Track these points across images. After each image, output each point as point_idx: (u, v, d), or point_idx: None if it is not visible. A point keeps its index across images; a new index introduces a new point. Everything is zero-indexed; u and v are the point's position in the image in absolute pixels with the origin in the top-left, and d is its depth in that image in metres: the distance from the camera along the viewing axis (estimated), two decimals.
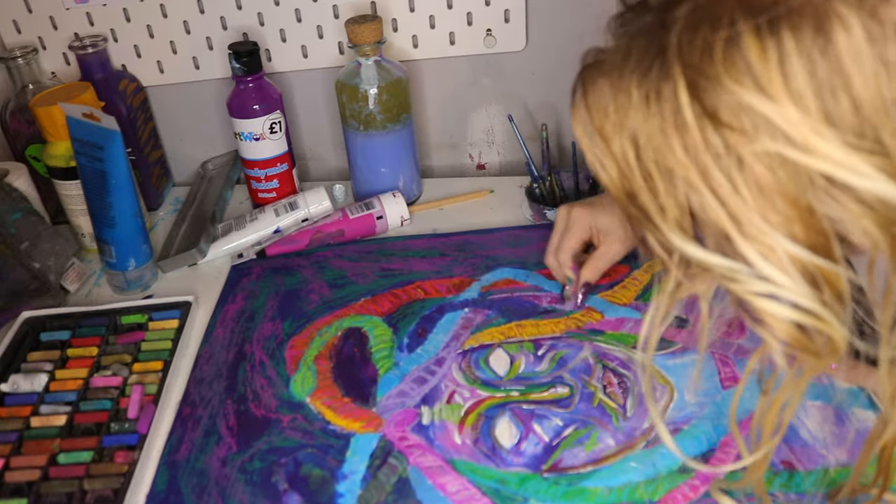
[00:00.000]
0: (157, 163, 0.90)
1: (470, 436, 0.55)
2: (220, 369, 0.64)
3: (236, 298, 0.72)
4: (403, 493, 0.52)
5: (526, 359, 0.62)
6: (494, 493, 0.51)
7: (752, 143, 0.31)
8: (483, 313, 0.67)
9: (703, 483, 0.50)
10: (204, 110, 0.90)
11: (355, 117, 0.78)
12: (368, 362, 0.63)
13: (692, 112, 0.32)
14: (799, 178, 0.31)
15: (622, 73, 0.34)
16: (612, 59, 0.36)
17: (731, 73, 0.30)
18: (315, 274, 0.74)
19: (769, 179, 0.31)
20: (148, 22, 0.84)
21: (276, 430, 0.57)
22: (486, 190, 0.84)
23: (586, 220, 0.66)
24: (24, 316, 0.68)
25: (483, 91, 0.87)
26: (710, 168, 0.32)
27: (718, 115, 0.31)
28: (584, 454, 0.53)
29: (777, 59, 0.30)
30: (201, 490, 0.53)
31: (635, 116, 0.34)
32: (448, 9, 0.82)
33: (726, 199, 0.32)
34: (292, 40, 0.85)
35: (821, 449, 0.51)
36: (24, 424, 0.58)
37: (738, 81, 0.30)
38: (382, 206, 0.79)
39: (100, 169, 0.67)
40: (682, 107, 0.32)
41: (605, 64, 0.36)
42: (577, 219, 0.66)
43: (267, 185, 0.83)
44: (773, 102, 0.30)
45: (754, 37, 0.30)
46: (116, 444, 0.56)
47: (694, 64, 0.31)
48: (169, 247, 0.79)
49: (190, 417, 0.59)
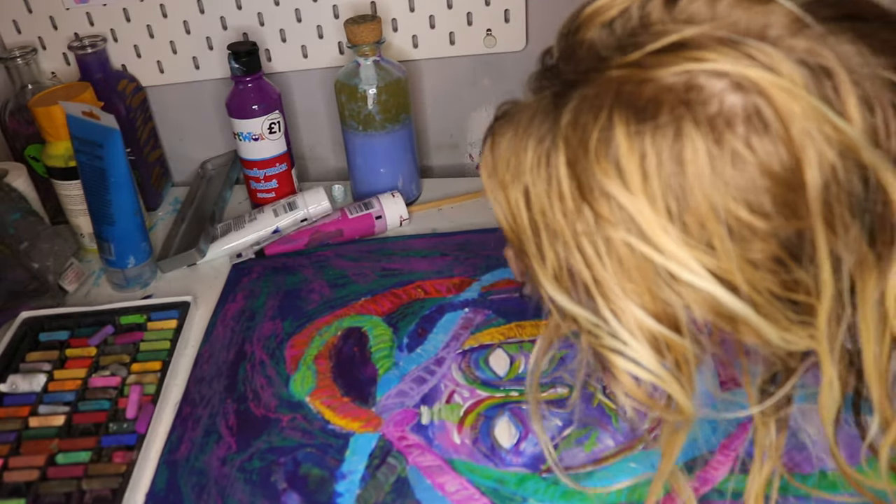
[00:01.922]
0: (156, 163, 0.90)
1: (469, 436, 0.55)
2: (220, 368, 0.64)
3: (237, 297, 0.72)
4: (402, 492, 0.52)
5: (526, 359, 0.62)
6: (493, 493, 0.51)
7: (612, 227, 0.35)
8: (483, 313, 0.67)
9: (703, 485, 0.50)
10: (203, 110, 0.90)
11: (354, 117, 0.78)
12: (368, 362, 0.63)
13: (569, 186, 0.36)
14: (648, 262, 0.35)
15: (526, 132, 0.38)
16: (520, 116, 0.40)
17: (601, 163, 0.35)
18: (315, 273, 0.74)
19: (629, 257, 0.35)
20: (148, 22, 0.84)
21: (276, 429, 0.57)
22: None
23: None
24: (23, 316, 0.68)
25: (483, 91, 0.87)
26: (580, 236, 0.36)
27: (590, 196, 0.35)
28: (584, 454, 0.53)
29: (639, 158, 0.34)
30: (201, 489, 0.53)
31: (528, 174, 0.38)
32: (448, 9, 0.82)
33: (592, 264, 0.36)
34: (292, 40, 0.85)
35: (820, 453, 0.51)
36: (23, 424, 0.58)
37: (606, 172, 0.35)
38: (381, 206, 0.79)
39: (99, 167, 0.67)
40: (562, 179, 0.36)
41: (514, 119, 0.40)
42: None
43: (266, 186, 0.83)
44: (631, 195, 0.34)
45: (625, 136, 0.34)
46: (115, 445, 0.56)
47: (574, 145, 0.36)
48: (168, 247, 0.79)
49: (190, 416, 0.59)
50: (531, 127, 0.38)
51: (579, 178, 0.36)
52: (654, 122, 0.34)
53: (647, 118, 0.34)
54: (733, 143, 0.33)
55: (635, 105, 0.34)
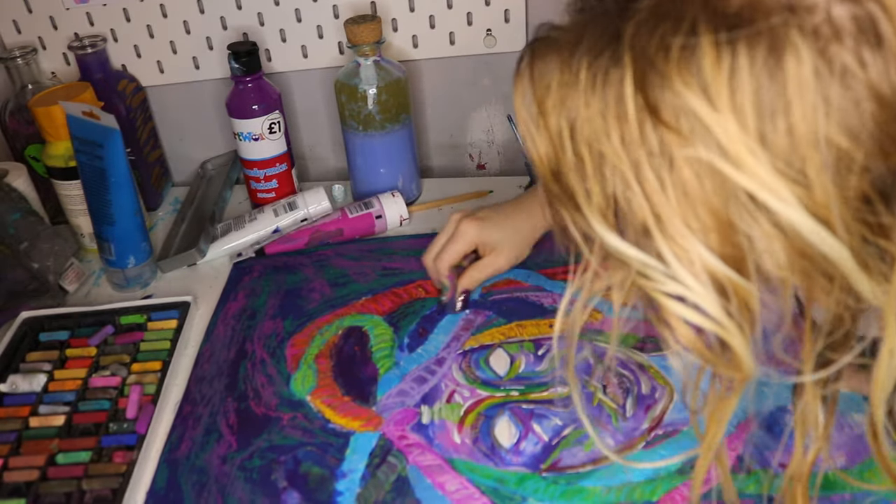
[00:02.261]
0: (156, 163, 0.90)
1: (469, 435, 0.55)
2: (221, 367, 0.64)
3: (238, 296, 0.72)
4: (402, 491, 0.52)
5: (526, 359, 0.62)
6: (493, 493, 0.51)
7: (687, 147, 0.31)
8: (484, 314, 0.67)
9: (703, 485, 0.50)
10: (203, 110, 0.90)
11: (354, 117, 0.78)
12: (369, 361, 0.63)
13: (634, 104, 0.32)
14: (723, 191, 0.31)
15: (573, 51, 0.34)
16: (565, 36, 0.35)
17: (682, 75, 0.31)
18: (316, 273, 0.74)
19: (695, 186, 0.32)
20: (148, 22, 0.84)
21: (276, 428, 0.57)
22: (486, 190, 0.84)
23: (473, 233, 0.66)
24: (23, 316, 0.68)
25: (483, 91, 0.87)
26: (641, 163, 0.32)
27: (659, 113, 0.31)
28: (584, 454, 0.53)
29: (728, 71, 0.30)
30: (201, 487, 0.53)
31: (577, 97, 0.34)
32: (448, 9, 0.82)
33: (652, 196, 0.33)
34: (292, 40, 0.85)
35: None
36: (23, 424, 0.58)
37: (687, 84, 0.31)
38: (381, 206, 0.79)
39: (100, 167, 0.67)
40: (626, 97, 0.32)
41: (557, 40, 0.36)
42: (464, 231, 0.66)
43: (266, 186, 0.83)
44: (715, 112, 0.30)
45: (712, 45, 0.30)
46: (115, 445, 0.56)
47: (647, 57, 0.31)
48: (168, 247, 0.79)
49: (191, 415, 0.59)
50: (582, 44, 0.34)
51: (647, 95, 0.32)
52: (749, 30, 0.30)
53: (740, 25, 0.30)
54: (843, 57, 0.29)
55: (725, 11, 0.30)
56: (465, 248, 0.66)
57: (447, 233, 0.67)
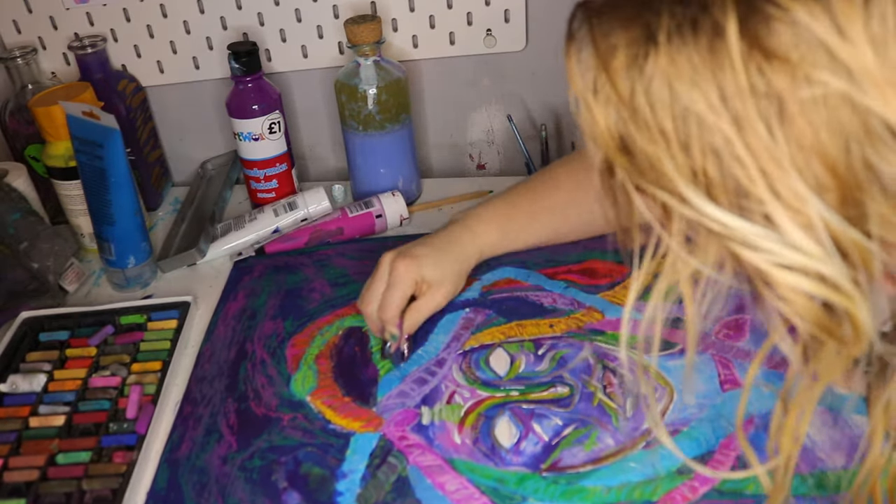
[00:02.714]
0: (156, 163, 0.90)
1: (469, 435, 0.55)
2: (221, 367, 0.64)
3: (238, 296, 0.72)
4: (402, 491, 0.52)
5: (526, 358, 0.62)
6: (493, 492, 0.51)
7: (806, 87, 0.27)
8: (484, 313, 0.67)
9: (703, 485, 0.50)
10: (203, 110, 0.90)
11: (354, 117, 0.78)
12: (369, 362, 0.63)
13: (739, 48, 0.28)
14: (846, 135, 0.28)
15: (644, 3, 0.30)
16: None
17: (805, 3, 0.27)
18: (317, 272, 0.74)
19: (811, 137, 0.28)
20: (148, 22, 0.84)
21: (277, 428, 0.57)
22: (486, 190, 0.84)
23: (412, 274, 0.62)
24: (23, 316, 0.68)
25: (483, 91, 0.87)
26: (747, 115, 0.28)
27: (772, 50, 0.27)
28: (584, 454, 0.53)
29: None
30: (201, 488, 0.53)
31: (655, 52, 0.30)
32: (448, 9, 0.82)
33: (759, 153, 0.28)
34: (292, 40, 0.85)
35: (819, 453, 0.51)
36: (23, 425, 0.58)
37: (812, 14, 0.27)
38: (381, 205, 0.79)
39: (99, 167, 0.67)
40: (729, 41, 0.28)
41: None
42: (403, 275, 0.62)
43: (266, 186, 0.83)
44: (848, 43, 0.27)
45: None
46: (115, 445, 0.56)
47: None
48: (168, 247, 0.79)
49: (191, 416, 0.59)
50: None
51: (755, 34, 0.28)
52: None
53: None
54: None
55: None
56: (408, 293, 0.62)
57: (381, 278, 0.63)
